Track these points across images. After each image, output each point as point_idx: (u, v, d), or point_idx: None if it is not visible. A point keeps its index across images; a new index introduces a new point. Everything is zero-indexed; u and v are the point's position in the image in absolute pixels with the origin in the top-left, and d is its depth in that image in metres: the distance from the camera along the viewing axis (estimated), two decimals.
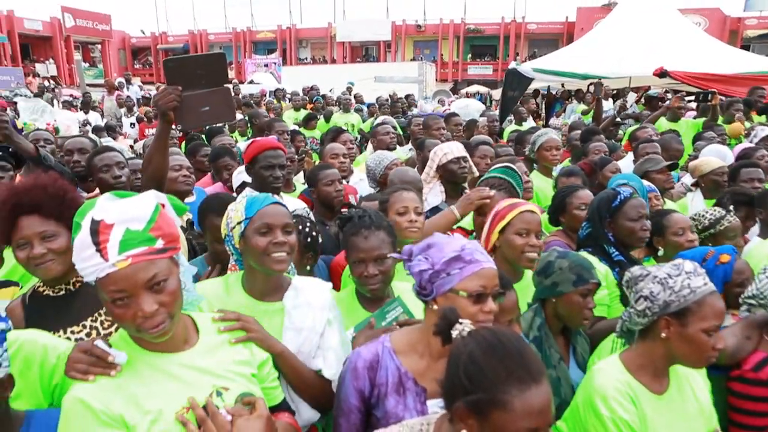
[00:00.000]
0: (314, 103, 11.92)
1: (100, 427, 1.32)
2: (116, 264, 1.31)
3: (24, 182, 1.93)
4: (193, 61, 2.31)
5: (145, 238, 1.35)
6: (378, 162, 4.16)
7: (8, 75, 26.15)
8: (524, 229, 2.44)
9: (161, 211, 1.41)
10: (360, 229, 2.20)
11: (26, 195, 1.83)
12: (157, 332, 1.37)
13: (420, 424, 1.47)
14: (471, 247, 1.65)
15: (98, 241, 1.31)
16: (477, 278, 1.60)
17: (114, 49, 43.61)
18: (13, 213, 1.82)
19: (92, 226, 1.33)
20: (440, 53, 41.95)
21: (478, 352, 1.28)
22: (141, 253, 1.33)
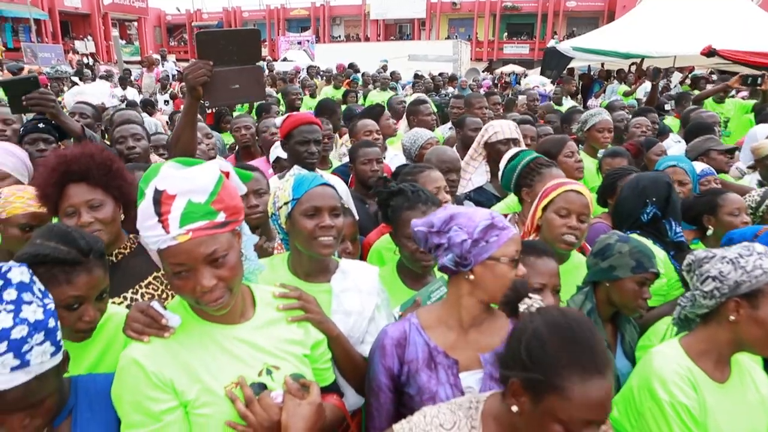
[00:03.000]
0: (351, 82, 11.83)
1: (151, 389, 1.32)
2: (177, 237, 1.29)
3: (72, 150, 1.94)
4: (226, 35, 2.24)
5: (207, 211, 1.31)
6: (413, 140, 4.08)
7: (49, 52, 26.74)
8: (565, 208, 2.33)
9: (224, 182, 1.37)
10: (417, 203, 2.14)
11: (75, 163, 1.84)
12: (216, 306, 1.36)
13: (469, 402, 1.44)
14: (497, 215, 1.65)
15: (160, 212, 1.29)
16: (513, 243, 1.61)
17: (150, 27, 44.11)
18: (62, 180, 1.84)
19: (155, 195, 1.31)
20: (475, 31, 41.15)
21: (545, 330, 1.24)
22: (202, 227, 1.30)
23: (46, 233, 1.51)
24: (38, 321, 1.23)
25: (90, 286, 1.48)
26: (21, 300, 1.23)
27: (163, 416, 1.33)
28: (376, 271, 1.98)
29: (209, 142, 4.14)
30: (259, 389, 1.40)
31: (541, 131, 4.67)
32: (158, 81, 12.41)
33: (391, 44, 30.86)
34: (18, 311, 1.21)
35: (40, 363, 1.23)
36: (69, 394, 1.42)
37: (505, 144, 3.56)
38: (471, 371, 1.65)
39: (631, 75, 11.33)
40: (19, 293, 1.23)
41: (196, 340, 1.42)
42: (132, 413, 1.33)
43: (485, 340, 1.68)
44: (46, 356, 1.24)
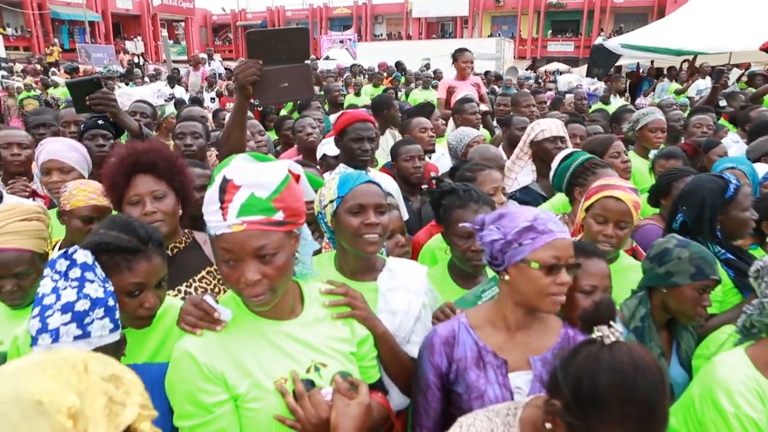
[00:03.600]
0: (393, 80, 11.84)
1: (203, 381, 1.35)
2: (231, 226, 1.31)
3: (142, 144, 2.04)
4: (275, 34, 2.26)
5: (266, 207, 1.33)
6: (459, 139, 4.04)
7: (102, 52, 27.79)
8: (601, 216, 2.28)
9: (290, 183, 1.39)
10: (468, 202, 2.12)
11: (144, 155, 1.93)
12: (256, 302, 1.37)
13: (507, 408, 1.42)
14: (544, 218, 1.58)
15: (223, 199, 1.33)
16: (550, 249, 1.54)
17: (196, 27, 45.26)
18: (130, 170, 1.92)
19: (222, 183, 1.35)
20: (519, 29, 40.58)
21: (605, 379, 1.16)
22: (257, 221, 1.32)
23: (109, 223, 1.57)
24: (99, 298, 1.32)
25: (150, 273, 1.53)
26: (84, 278, 1.32)
27: (215, 408, 1.35)
28: (425, 271, 1.96)
29: (261, 139, 4.22)
30: (308, 386, 1.41)
31: (590, 130, 4.55)
32: (205, 79, 12.71)
33: (433, 42, 30.73)
34: (81, 287, 1.31)
35: (99, 336, 1.31)
36: None
37: (552, 142, 3.48)
38: (520, 372, 1.63)
39: (683, 72, 10.94)
40: (83, 272, 1.33)
41: (246, 334, 1.43)
42: (184, 404, 1.36)
43: (535, 342, 1.65)
44: (105, 331, 1.32)
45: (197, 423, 1.35)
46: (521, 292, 1.60)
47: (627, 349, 1.19)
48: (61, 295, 1.28)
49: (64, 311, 1.27)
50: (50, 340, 1.26)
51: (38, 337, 1.27)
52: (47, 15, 34.71)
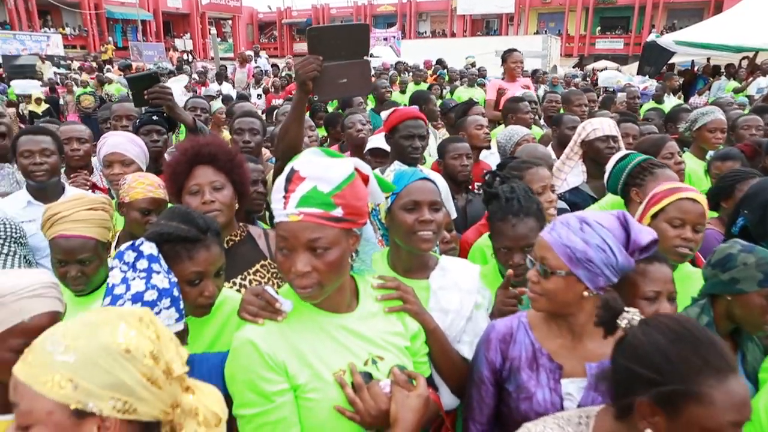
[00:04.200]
0: (437, 77, 11.77)
1: (265, 370, 1.36)
2: (289, 215, 1.34)
3: (204, 138, 2.13)
4: (336, 31, 2.28)
5: (326, 201, 1.34)
6: (509, 137, 3.98)
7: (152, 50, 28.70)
8: (679, 219, 2.17)
9: (354, 181, 1.39)
10: (507, 215, 2.08)
11: (205, 147, 2.00)
12: (303, 293, 1.38)
13: (578, 417, 1.38)
14: (559, 218, 1.59)
15: (287, 189, 1.36)
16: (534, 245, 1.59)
17: (243, 24, 46.14)
18: (192, 161, 1.99)
19: (289, 173, 1.38)
20: (566, 26, 39.73)
21: (664, 341, 1.17)
22: (314, 214, 1.33)
23: (169, 214, 1.62)
24: (165, 288, 1.37)
25: (209, 261, 1.58)
26: (151, 269, 1.37)
27: (275, 397, 1.36)
28: (477, 270, 1.94)
29: (312, 134, 4.26)
30: (366, 378, 1.42)
31: (644, 130, 4.40)
32: (252, 76, 12.94)
33: (478, 40, 30.42)
34: (149, 278, 1.36)
35: (167, 325, 1.32)
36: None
37: (604, 141, 3.39)
38: (574, 378, 1.59)
39: (743, 70, 10.48)
40: (150, 263, 1.38)
41: (305, 326, 1.45)
42: (245, 392, 1.37)
43: (594, 349, 1.60)
44: (171, 320, 1.37)
45: (258, 411, 1.35)
46: (557, 298, 1.57)
47: (658, 316, 1.28)
48: (131, 286, 1.33)
49: (134, 301, 1.31)
50: None
51: None
52: (103, 15, 36.06)
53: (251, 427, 1.37)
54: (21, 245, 2.47)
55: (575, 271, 1.51)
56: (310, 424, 1.39)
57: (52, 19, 35.51)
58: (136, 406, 0.93)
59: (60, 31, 33.38)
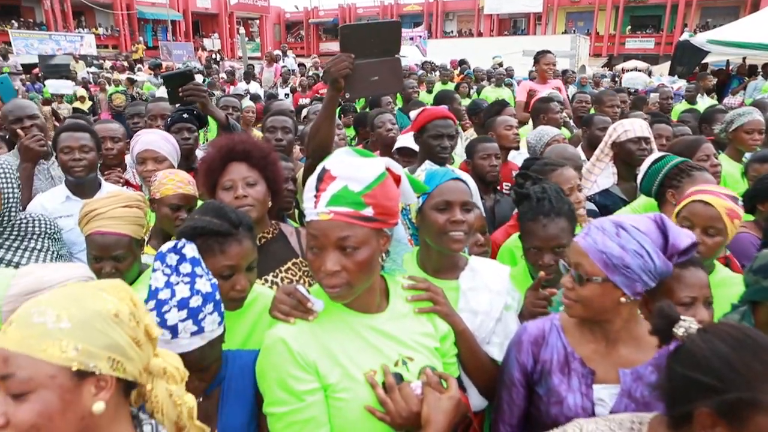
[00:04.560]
0: (464, 77, 11.72)
1: (296, 369, 1.36)
2: (319, 214, 1.34)
3: (239, 135, 2.16)
4: (369, 28, 2.28)
5: (356, 200, 1.34)
6: (539, 138, 3.94)
7: (182, 49, 29.15)
8: (688, 220, 2.15)
9: (385, 181, 1.39)
10: (538, 215, 2.06)
11: (240, 144, 2.03)
12: (332, 293, 1.38)
13: (630, 422, 1.34)
14: (592, 223, 1.56)
15: (318, 188, 1.36)
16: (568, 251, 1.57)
17: (270, 24, 46.53)
18: (227, 157, 2.02)
19: (321, 172, 1.38)
20: (595, 25, 39.13)
21: (726, 348, 1.13)
22: (344, 213, 1.33)
23: (203, 209, 1.64)
24: (208, 293, 1.37)
25: (241, 256, 1.60)
26: (194, 273, 1.37)
27: (306, 396, 1.36)
28: (507, 271, 1.93)
29: (340, 132, 4.30)
30: (396, 379, 1.41)
31: (677, 131, 4.31)
32: (280, 75, 13.05)
33: (505, 39, 30.17)
34: (193, 283, 1.36)
35: (211, 330, 1.37)
36: (222, 365, 1.53)
37: (636, 143, 3.33)
38: (606, 385, 1.56)
39: None
40: (193, 267, 1.38)
41: (336, 326, 1.45)
42: (276, 390, 1.37)
43: (628, 355, 1.58)
44: (215, 325, 1.38)
45: (289, 410, 1.36)
46: (587, 302, 1.54)
47: (717, 324, 1.25)
48: (176, 291, 1.33)
49: (180, 308, 1.32)
50: (170, 335, 1.31)
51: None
52: (134, 15, 36.78)
53: (281, 425, 1.37)
54: (55, 241, 2.53)
55: (612, 278, 1.48)
56: (339, 423, 1.38)
57: (85, 20, 36.35)
58: (125, 365, 1.02)
59: (93, 32, 34.16)
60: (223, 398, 1.50)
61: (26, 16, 33.79)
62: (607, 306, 1.53)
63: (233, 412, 1.49)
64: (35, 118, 3.29)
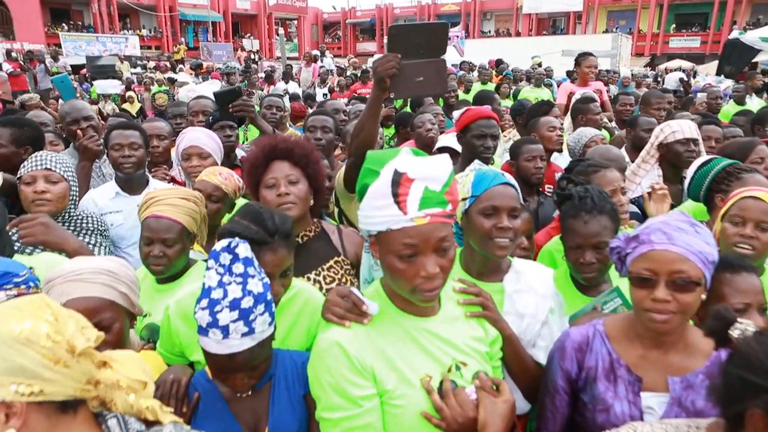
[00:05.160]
0: (503, 77, 11.60)
1: (352, 373, 1.34)
2: (414, 219, 1.30)
3: (280, 135, 2.22)
4: (416, 29, 2.29)
5: (441, 200, 1.33)
6: (578, 139, 3.88)
7: (221, 50, 29.72)
8: (739, 216, 2.09)
9: (453, 177, 1.39)
10: (580, 212, 2.03)
11: (282, 143, 2.07)
12: (431, 296, 1.35)
13: (687, 426, 1.32)
14: (655, 227, 1.48)
15: (398, 193, 1.30)
16: (644, 260, 1.47)
17: (308, 25, 46.99)
18: (270, 155, 2.06)
19: (395, 176, 1.32)
20: (638, 24, 38.17)
21: None
22: (437, 214, 1.32)
23: (242, 212, 1.66)
24: (260, 293, 1.37)
25: (274, 264, 1.60)
26: (247, 274, 1.37)
27: (363, 402, 1.33)
28: (551, 274, 1.90)
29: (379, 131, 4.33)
30: (451, 385, 1.40)
31: (727, 133, 4.16)
32: (318, 75, 13.17)
33: (544, 39, 29.73)
34: (245, 283, 1.36)
35: (261, 331, 1.37)
36: (271, 362, 1.55)
37: (684, 144, 3.24)
38: (654, 393, 1.52)
39: None
40: (245, 267, 1.38)
41: (390, 329, 1.42)
42: (332, 395, 1.34)
43: (677, 362, 1.53)
44: (265, 325, 1.38)
45: (345, 416, 1.33)
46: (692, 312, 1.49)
47: None
48: (228, 291, 1.34)
49: (232, 308, 1.32)
50: (221, 336, 1.32)
51: (209, 330, 1.33)
52: (176, 17, 37.67)
53: (336, 431, 1.34)
54: (104, 238, 2.63)
55: (707, 275, 1.46)
56: (394, 430, 1.36)
57: (130, 22, 37.43)
58: (42, 387, 0.95)
59: (137, 33, 35.13)
60: (273, 397, 1.52)
61: (75, 19, 35.00)
62: (695, 308, 1.49)
63: (283, 411, 1.51)
64: (90, 120, 3.45)
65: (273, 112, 4.40)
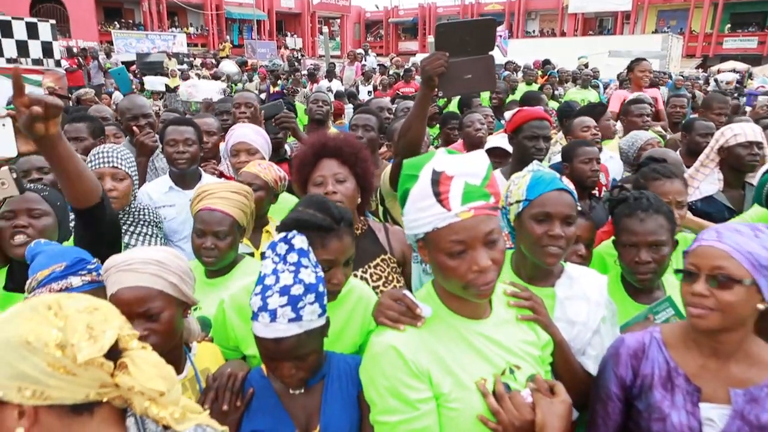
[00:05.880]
0: (548, 77, 11.39)
1: (409, 377, 1.32)
2: (459, 214, 1.29)
3: (330, 133, 2.23)
4: (464, 26, 2.27)
5: (483, 193, 1.32)
6: (632, 143, 3.78)
7: (265, 48, 30.15)
8: None
9: (491, 170, 1.39)
10: (636, 210, 1.99)
11: (331, 141, 2.09)
12: (486, 290, 1.33)
13: None
14: (714, 227, 1.51)
15: (438, 192, 1.31)
16: (690, 255, 1.51)
17: (350, 23, 47.27)
18: (319, 154, 2.07)
19: (433, 176, 1.33)
20: (689, 24, 36.91)
21: None
22: (481, 207, 1.31)
23: (307, 202, 1.68)
24: (311, 284, 1.39)
25: (340, 251, 1.62)
26: (300, 264, 1.40)
27: (420, 405, 1.32)
28: (605, 281, 1.84)
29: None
30: (506, 388, 1.38)
31: None
32: (362, 74, 13.24)
33: (590, 39, 29.14)
34: (297, 272, 1.39)
35: (309, 320, 1.38)
36: (324, 362, 1.56)
37: (747, 147, 3.11)
38: (715, 404, 1.47)
39: None
40: (299, 257, 1.41)
41: (444, 331, 1.41)
42: (388, 398, 1.33)
43: (740, 373, 1.47)
44: (314, 315, 1.39)
45: (402, 419, 1.32)
46: (736, 313, 1.44)
47: None
48: (280, 278, 1.37)
49: (282, 294, 1.35)
50: (269, 319, 1.35)
51: (258, 314, 1.37)
52: (222, 15, 38.45)
53: None
54: (160, 229, 2.71)
55: (759, 280, 1.40)
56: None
57: (178, 20, 38.41)
58: (48, 393, 0.96)
59: (184, 31, 36.01)
60: (326, 396, 1.53)
61: (127, 17, 36.18)
62: (745, 313, 1.43)
63: (336, 411, 1.51)
64: (148, 116, 3.56)
65: (319, 106, 4.48)
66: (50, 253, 1.67)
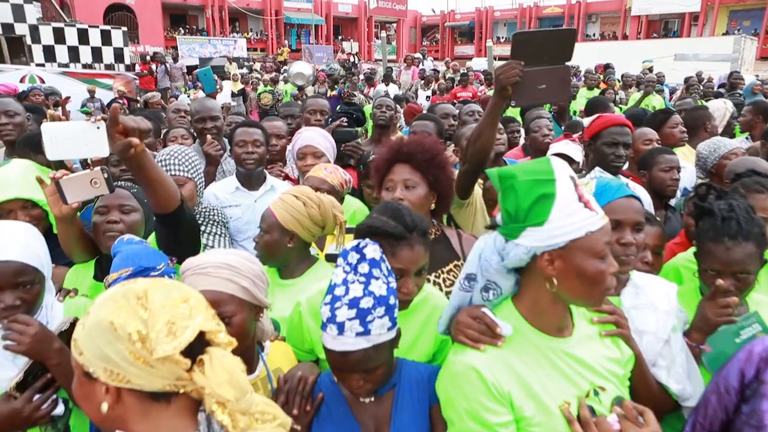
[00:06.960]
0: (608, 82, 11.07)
1: (490, 401, 1.28)
2: (604, 217, 1.28)
3: (409, 137, 2.17)
4: (543, 36, 2.25)
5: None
6: (713, 150, 3.58)
7: (322, 52, 30.60)
8: None
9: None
10: (722, 236, 1.84)
11: (406, 146, 2.08)
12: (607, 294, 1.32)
13: None
14: None
15: (580, 195, 1.27)
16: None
17: (406, 28, 47.39)
18: (392, 158, 2.08)
19: (573, 181, 1.29)
20: (765, 24, 34.96)
21: None
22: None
23: (381, 209, 1.67)
24: (382, 296, 1.35)
25: (411, 260, 1.59)
26: (371, 275, 1.36)
27: (500, 429, 1.28)
28: (674, 289, 1.77)
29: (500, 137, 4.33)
30: (591, 413, 1.31)
31: None
32: (422, 78, 13.25)
33: (654, 42, 28.08)
34: (367, 284, 1.35)
35: (378, 334, 1.34)
36: (395, 371, 1.53)
37: None
38: None
39: None
40: (371, 268, 1.37)
41: (525, 349, 1.35)
42: (467, 421, 1.30)
43: None
44: (383, 329, 1.35)
45: None
46: None
47: None
48: (350, 289, 1.34)
49: (351, 306, 1.32)
50: (336, 331, 1.32)
51: (327, 325, 1.35)
52: (281, 20, 39.35)
53: None
54: (227, 229, 2.76)
55: None
56: None
57: (239, 25, 39.59)
58: (128, 378, 1.01)
59: (245, 36, 37.08)
60: (396, 405, 1.50)
61: (191, 23, 37.57)
62: None
63: (406, 422, 1.48)
64: (216, 120, 3.66)
65: (383, 111, 4.45)
66: (124, 255, 1.73)
